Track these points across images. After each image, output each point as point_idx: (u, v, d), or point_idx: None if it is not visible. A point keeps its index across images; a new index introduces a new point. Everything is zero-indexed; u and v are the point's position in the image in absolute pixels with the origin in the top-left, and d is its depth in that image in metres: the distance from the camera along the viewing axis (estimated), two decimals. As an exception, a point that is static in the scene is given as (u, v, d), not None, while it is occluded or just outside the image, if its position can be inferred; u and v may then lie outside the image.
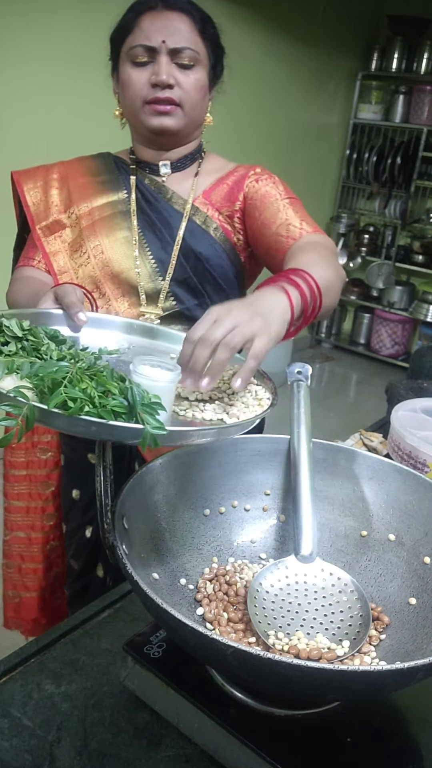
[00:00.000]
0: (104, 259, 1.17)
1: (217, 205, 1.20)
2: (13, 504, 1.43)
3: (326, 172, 4.67)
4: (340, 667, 0.55)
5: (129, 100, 1.13)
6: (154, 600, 0.59)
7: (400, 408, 1.28)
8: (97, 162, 1.24)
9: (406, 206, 4.40)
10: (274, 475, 0.89)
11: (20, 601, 1.48)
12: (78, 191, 1.20)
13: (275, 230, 1.13)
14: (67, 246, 1.19)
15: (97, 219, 1.18)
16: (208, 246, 1.18)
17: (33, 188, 1.21)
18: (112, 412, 0.63)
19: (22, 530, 1.44)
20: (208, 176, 1.23)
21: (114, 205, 1.19)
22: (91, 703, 0.76)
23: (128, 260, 1.17)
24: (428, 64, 4.21)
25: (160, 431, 0.62)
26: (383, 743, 0.69)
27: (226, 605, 0.77)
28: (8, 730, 0.72)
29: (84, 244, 1.18)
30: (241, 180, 1.20)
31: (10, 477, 1.42)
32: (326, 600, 0.75)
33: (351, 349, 4.91)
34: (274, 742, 0.65)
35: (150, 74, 1.09)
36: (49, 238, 1.19)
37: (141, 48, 1.08)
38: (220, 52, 1.17)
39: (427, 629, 0.73)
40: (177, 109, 1.11)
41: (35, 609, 1.47)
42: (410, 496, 0.82)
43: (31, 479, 1.41)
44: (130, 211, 1.19)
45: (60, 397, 0.62)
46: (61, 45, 2.73)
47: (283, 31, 3.80)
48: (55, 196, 1.20)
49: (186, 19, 1.09)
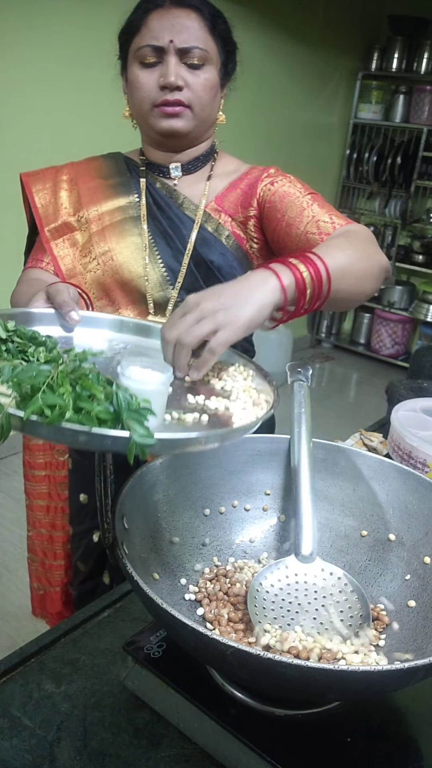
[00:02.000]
0: (114, 266, 1.15)
1: (230, 211, 1.17)
2: (35, 503, 1.43)
3: (326, 172, 4.67)
4: (340, 667, 0.55)
5: (137, 102, 1.10)
6: (154, 600, 0.59)
7: (400, 408, 1.28)
8: (108, 163, 1.22)
9: (406, 206, 4.41)
10: (274, 475, 0.89)
11: (44, 594, 1.49)
12: (88, 195, 1.18)
13: (304, 229, 1.07)
14: (76, 250, 1.17)
15: (107, 224, 1.16)
16: (219, 255, 1.16)
17: (41, 190, 1.19)
18: (96, 419, 0.58)
19: (44, 527, 1.44)
20: (221, 180, 1.19)
21: (124, 209, 1.17)
22: (91, 702, 0.76)
23: (138, 267, 1.15)
24: (428, 64, 4.22)
25: (148, 440, 0.57)
26: (383, 743, 0.69)
27: (226, 605, 0.77)
28: (8, 730, 0.72)
29: (93, 250, 1.16)
30: (254, 184, 1.16)
31: (30, 477, 1.41)
32: (326, 600, 0.75)
33: (351, 349, 4.91)
34: (274, 742, 0.65)
35: (158, 76, 1.06)
36: (58, 241, 1.17)
37: (148, 48, 1.06)
38: (231, 48, 1.14)
39: (427, 629, 0.73)
40: (186, 111, 1.08)
41: (59, 603, 1.48)
42: (410, 496, 0.82)
43: (51, 480, 1.40)
44: (141, 216, 1.16)
45: (36, 405, 0.56)
46: (61, 46, 2.73)
47: (284, 31, 3.80)
48: (64, 199, 1.18)
49: (195, 16, 1.06)
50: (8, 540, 2.52)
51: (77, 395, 0.60)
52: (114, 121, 1.23)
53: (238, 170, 1.21)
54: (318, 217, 1.07)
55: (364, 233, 1.03)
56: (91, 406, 0.59)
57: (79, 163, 1.23)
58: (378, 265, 0.96)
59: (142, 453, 0.57)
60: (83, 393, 0.60)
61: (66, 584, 1.47)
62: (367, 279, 0.94)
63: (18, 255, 1.33)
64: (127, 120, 1.18)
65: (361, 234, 1.02)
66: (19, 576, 2.30)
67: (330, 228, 1.05)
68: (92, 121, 2.90)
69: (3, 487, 2.83)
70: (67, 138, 2.84)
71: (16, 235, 1.48)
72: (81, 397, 0.60)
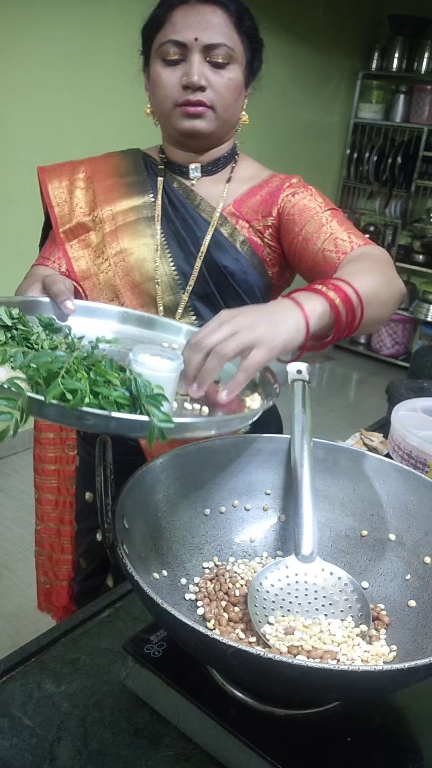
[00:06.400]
0: (125, 267, 1.13)
1: (248, 217, 1.14)
2: (44, 496, 1.43)
3: (327, 172, 4.67)
4: (341, 667, 0.55)
5: (159, 100, 1.08)
6: (154, 600, 0.59)
7: (401, 408, 1.28)
8: (126, 160, 1.19)
9: (406, 206, 4.41)
10: (274, 475, 0.89)
11: (51, 588, 1.49)
12: (103, 194, 1.15)
13: (321, 245, 1.05)
14: (91, 251, 1.15)
15: (120, 224, 1.14)
16: (233, 260, 1.13)
17: (58, 187, 1.17)
18: (114, 404, 0.60)
19: (52, 521, 1.44)
20: (241, 184, 1.17)
21: (139, 210, 1.15)
22: (92, 702, 0.76)
23: (149, 269, 1.13)
24: (429, 63, 4.22)
25: (168, 424, 0.59)
26: (383, 743, 0.69)
27: (227, 605, 0.77)
28: (8, 730, 0.72)
29: (106, 250, 1.14)
30: (275, 192, 1.14)
31: (40, 470, 1.41)
32: (326, 600, 0.75)
33: (351, 349, 4.91)
34: (274, 742, 0.65)
35: (181, 74, 1.04)
36: (73, 242, 1.15)
37: (171, 44, 1.03)
38: (257, 46, 1.12)
39: (427, 629, 0.73)
40: (208, 111, 1.06)
41: (65, 597, 1.48)
42: (411, 496, 0.82)
43: (61, 474, 1.40)
44: (155, 216, 1.14)
45: (58, 389, 0.58)
46: (63, 45, 2.73)
47: (284, 31, 3.80)
48: (80, 198, 1.16)
49: (221, 13, 1.04)
50: (8, 539, 2.52)
51: (93, 381, 0.62)
52: (115, 120, 1.23)
53: (259, 176, 1.18)
54: (336, 235, 1.05)
55: (384, 257, 1.01)
56: (109, 391, 0.61)
57: (97, 160, 1.20)
58: (399, 291, 0.95)
59: (162, 436, 0.59)
60: (98, 379, 0.62)
61: (72, 579, 1.47)
62: (390, 305, 0.93)
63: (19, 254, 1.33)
64: (129, 119, 1.17)
65: (382, 258, 1.00)
66: (19, 575, 2.31)
67: (348, 247, 1.03)
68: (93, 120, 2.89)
69: (3, 487, 2.83)
70: (68, 137, 2.83)
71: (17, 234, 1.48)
72: (97, 383, 0.62)
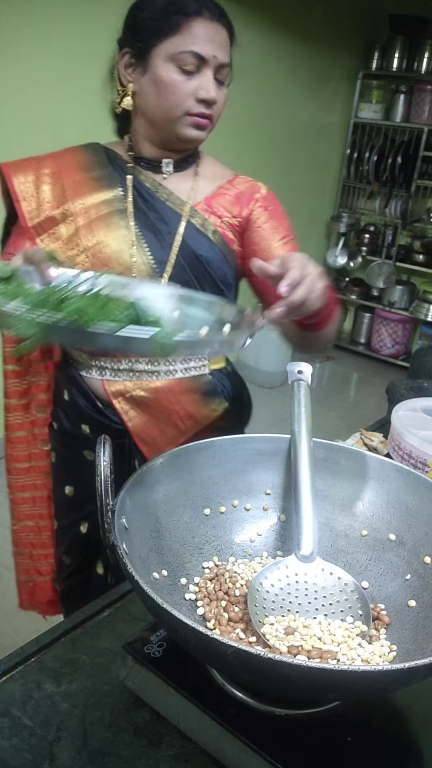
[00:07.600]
0: (103, 258, 1.16)
1: (219, 213, 1.20)
2: (19, 495, 1.43)
3: (327, 172, 4.67)
4: (341, 667, 0.55)
5: (168, 105, 1.09)
6: (154, 599, 0.59)
7: (401, 407, 1.28)
8: (88, 154, 1.22)
9: (406, 206, 4.40)
10: (274, 475, 0.89)
11: (34, 585, 1.49)
12: (73, 188, 1.18)
13: None
14: (61, 243, 1.18)
15: (95, 217, 1.17)
16: (207, 249, 1.18)
17: (24, 182, 1.19)
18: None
19: (30, 520, 1.44)
20: (208, 182, 1.22)
21: (110, 203, 1.18)
22: (91, 702, 0.76)
23: (127, 260, 1.16)
24: (429, 63, 4.20)
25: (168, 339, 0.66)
26: (383, 743, 0.69)
27: (227, 605, 0.77)
28: (8, 730, 0.72)
29: (81, 243, 1.16)
30: (247, 198, 1.20)
31: (13, 470, 1.42)
32: (326, 600, 0.75)
33: (351, 349, 4.91)
34: (274, 742, 0.65)
35: (195, 85, 1.06)
36: (42, 236, 1.18)
37: (192, 55, 1.05)
38: None
39: (427, 629, 0.73)
40: (209, 123, 1.12)
41: (50, 591, 1.48)
42: (411, 496, 0.82)
43: (35, 470, 1.41)
44: (127, 210, 1.17)
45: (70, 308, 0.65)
46: (60, 43, 2.73)
47: (284, 31, 3.80)
48: (47, 192, 1.18)
49: (225, 34, 1.08)
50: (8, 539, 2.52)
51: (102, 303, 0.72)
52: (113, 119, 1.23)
53: (224, 175, 1.24)
54: None
55: None
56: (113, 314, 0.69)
57: (60, 155, 1.22)
58: None
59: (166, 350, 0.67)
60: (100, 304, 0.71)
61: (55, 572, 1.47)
62: (332, 339, 1.15)
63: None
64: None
65: None
66: (19, 575, 2.30)
67: None
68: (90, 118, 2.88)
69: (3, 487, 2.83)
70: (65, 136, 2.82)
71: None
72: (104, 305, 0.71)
